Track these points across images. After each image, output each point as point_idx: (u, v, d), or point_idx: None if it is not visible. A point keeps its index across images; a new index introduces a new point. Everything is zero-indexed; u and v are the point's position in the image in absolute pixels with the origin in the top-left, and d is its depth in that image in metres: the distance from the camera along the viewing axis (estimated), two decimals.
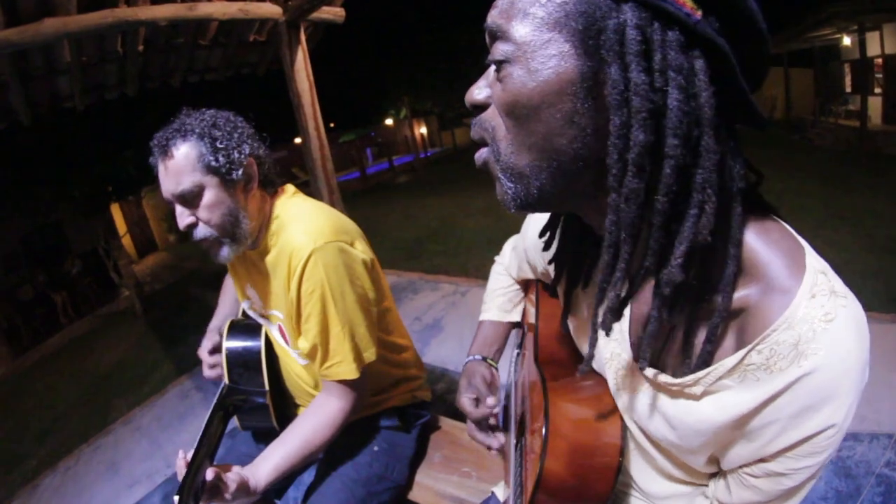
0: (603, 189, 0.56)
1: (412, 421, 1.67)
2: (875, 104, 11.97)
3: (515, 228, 1.18)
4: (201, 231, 1.31)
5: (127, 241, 15.71)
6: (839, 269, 0.59)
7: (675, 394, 0.67)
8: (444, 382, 3.12)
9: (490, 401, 1.12)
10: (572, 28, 0.53)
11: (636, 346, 0.73)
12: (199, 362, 1.67)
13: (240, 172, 1.31)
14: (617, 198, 0.54)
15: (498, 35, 0.58)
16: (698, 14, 0.50)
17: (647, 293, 0.70)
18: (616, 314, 0.60)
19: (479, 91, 0.64)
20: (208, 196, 1.29)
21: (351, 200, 4.41)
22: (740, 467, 0.67)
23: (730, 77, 0.52)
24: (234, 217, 1.31)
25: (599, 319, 0.62)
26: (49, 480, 3.60)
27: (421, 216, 11.12)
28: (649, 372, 0.70)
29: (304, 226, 1.34)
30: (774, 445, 0.60)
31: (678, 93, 0.50)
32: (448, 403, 2.87)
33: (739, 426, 0.61)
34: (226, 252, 1.35)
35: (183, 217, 1.30)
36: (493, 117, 0.62)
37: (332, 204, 3.92)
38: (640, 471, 0.85)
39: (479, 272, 5.78)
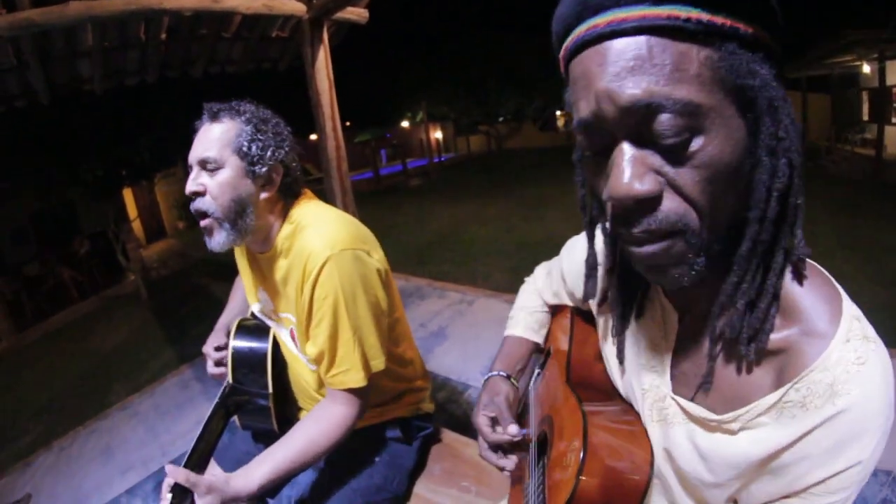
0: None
1: (414, 433, 1.65)
2: (892, 134, 12.01)
3: (526, 240, 1.18)
4: (205, 203, 1.32)
5: (136, 226, 15.79)
6: None
7: (713, 428, 0.71)
8: (445, 392, 3.09)
9: (512, 429, 1.05)
10: (729, 86, 0.54)
11: (676, 380, 0.77)
12: (201, 353, 1.66)
13: (264, 170, 1.33)
14: (758, 229, 0.58)
15: (660, 107, 0.52)
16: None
17: (691, 329, 0.74)
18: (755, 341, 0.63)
19: (644, 182, 0.55)
20: (225, 174, 1.31)
21: (362, 201, 4.39)
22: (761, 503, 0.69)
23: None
24: (240, 206, 1.32)
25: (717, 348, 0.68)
26: (42, 459, 3.59)
27: (432, 221, 11.13)
28: (688, 405, 0.73)
29: (321, 231, 1.34)
30: (803, 482, 0.62)
31: (793, 128, 0.57)
32: (449, 413, 2.85)
33: (771, 461, 0.65)
34: (220, 238, 1.34)
35: (194, 182, 1.32)
36: (676, 206, 0.56)
37: (345, 204, 3.92)
38: (656, 502, 0.87)
39: (487, 282, 5.77)
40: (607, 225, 0.61)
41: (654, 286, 0.80)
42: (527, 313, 1.30)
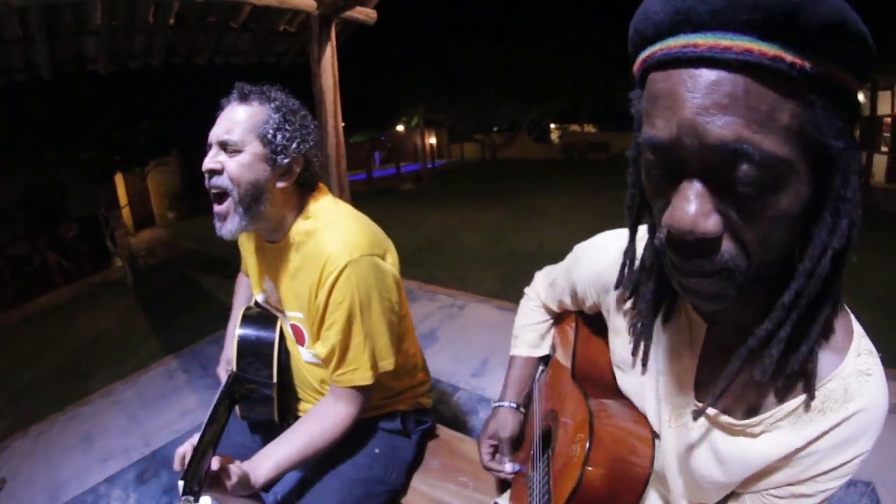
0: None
1: (413, 426, 1.66)
2: (880, 162, 12.44)
3: (518, 249, 1.20)
4: (222, 180, 1.29)
5: (126, 213, 15.65)
6: None
7: (735, 433, 0.75)
8: (435, 393, 3.08)
9: (507, 467, 1.24)
10: (811, 143, 0.52)
11: (699, 386, 0.79)
12: (187, 344, 1.65)
13: (286, 160, 1.32)
14: (805, 283, 0.58)
15: (746, 155, 0.50)
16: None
17: (718, 339, 0.76)
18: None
19: (709, 222, 0.54)
20: (246, 156, 1.28)
21: (355, 202, 4.39)
22: (766, 489, 0.76)
23: None
24: (257, 191, 1.30)
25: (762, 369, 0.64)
26: (19, 444, 3.53)
27: (423, 226, 11.14)
28: (711, 411, 0.76)
29: (340, 234, 1.33)
30: (811, 471, 0.70)
31: (859, 187, 0.57)
32: (439, 415, 2.84)
33: (787, 458, 0.71)
34: (232, 225, 1.32)
35: (213, 160, 1.30)
36: (731, 248, 0.56)
37: None
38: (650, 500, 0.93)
39: (478, 288, 5.77)
40: (660, 238, 0.60)
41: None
42: (529, 330, 1.35)
